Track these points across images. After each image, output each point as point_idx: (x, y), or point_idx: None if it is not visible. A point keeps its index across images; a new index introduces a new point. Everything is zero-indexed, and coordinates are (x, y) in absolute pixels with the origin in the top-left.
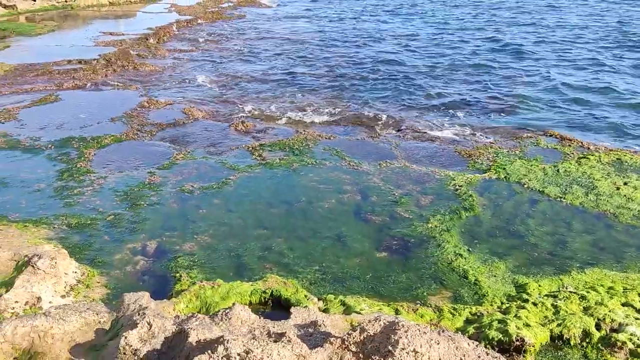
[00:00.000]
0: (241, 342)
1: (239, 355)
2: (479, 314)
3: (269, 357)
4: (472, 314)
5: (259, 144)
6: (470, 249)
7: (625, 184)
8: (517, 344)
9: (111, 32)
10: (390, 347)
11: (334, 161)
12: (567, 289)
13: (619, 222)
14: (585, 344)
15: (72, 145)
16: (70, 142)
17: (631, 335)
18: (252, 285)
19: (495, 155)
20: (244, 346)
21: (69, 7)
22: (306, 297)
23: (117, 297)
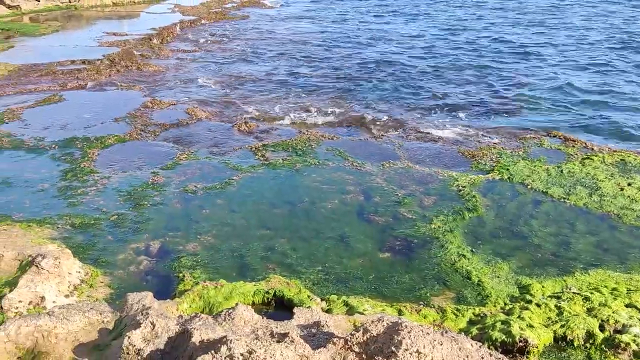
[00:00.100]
0: (244, 342)
1: (242, 355)
2: (482, 314)
3: (272, 357)
4: (476, 315)
5: (262, 145)
6: (473, 250)
7: (629, 184)
8: (521, 345)
9: (115, 33)
10: (393, 348)
11: (337, 162)
12: (570, 290)
13: (622, 223)
14: (588, 345)
15: (75, 145)
16: (74, 142)
17: (635, 336)
18: (255, 285)
19: (498, 155)
20: (247, 346)
21: (72, 7)
22: (309, 297)
23: (120, 297)
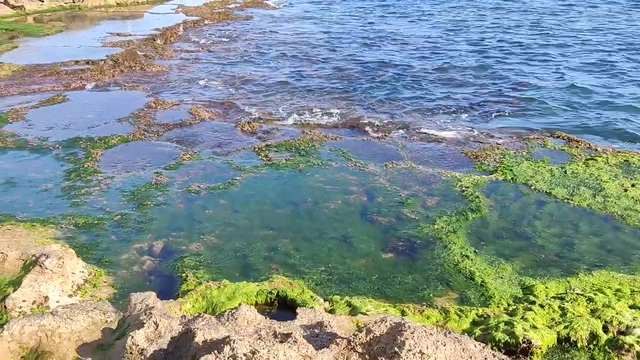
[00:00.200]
0: (247, 342)
1: (245, 355)
2: (485, 315)
3: (275, 358)
4: (479, 316)
5: (265, 145)
6: (476, 251)
7: (633, 185)
8: (524, 346)
9: (118, 33)
10: (396, 349)
11: (340, 162)
12: (574, 291)
13: (626, 224)
14: (592, 347)
15: (79, 145)
16: (77, 142)
17: (639, 337)
18: (258, 285)
19: (502, 156)
20: (250, 346)
21: (76, 7)
22: (312, 297)
23: (123, 296)
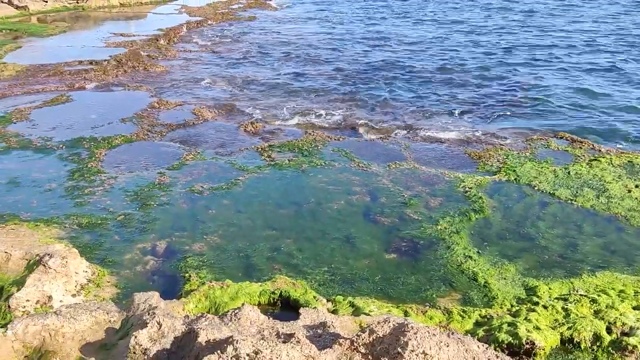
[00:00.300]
0: (250, 342)
1: (248, 355)
2: (488, 316)
3: (278, 358)
4: (482, 317)
5: (268, 145)
6: (479, 251)
7: (636, 186)
8: (527, 347)
9: (122, 33)
10: (399, 349)
11: (343, 162)
12: (577, 292)
13: (630, 225)
14: (595, 348)
15: (83, 145)
16: (81, 142)
17: None
18: (261, 285)
19: (505, 157)
20: (253, 346)
21: (80, 8)
22: (315, 298)
23: (127, 296)
